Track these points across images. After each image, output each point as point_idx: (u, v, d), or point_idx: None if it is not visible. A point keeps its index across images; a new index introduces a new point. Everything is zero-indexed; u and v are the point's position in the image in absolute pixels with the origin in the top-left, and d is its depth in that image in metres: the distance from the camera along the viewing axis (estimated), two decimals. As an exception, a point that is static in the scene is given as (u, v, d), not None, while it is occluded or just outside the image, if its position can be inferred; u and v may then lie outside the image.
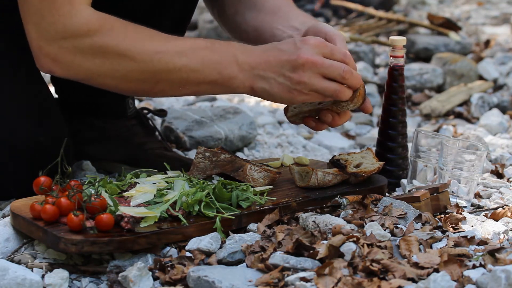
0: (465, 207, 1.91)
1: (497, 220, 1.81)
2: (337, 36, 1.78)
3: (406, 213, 1.72)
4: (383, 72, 3.59)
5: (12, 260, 1.59)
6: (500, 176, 2.15)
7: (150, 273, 1.51)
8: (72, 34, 1.59)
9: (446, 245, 1.58)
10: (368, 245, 1.53)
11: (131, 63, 1.62)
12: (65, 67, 1.63)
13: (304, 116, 1.83)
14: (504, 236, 1.71)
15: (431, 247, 1.58)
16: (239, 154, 2.46)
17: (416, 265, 1.47)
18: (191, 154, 2.39)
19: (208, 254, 1.59)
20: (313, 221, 1.65)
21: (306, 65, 1.66)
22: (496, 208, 1.88)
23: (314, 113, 1.82)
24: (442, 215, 1.81)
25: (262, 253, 1.55)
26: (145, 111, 2.30)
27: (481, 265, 1.48)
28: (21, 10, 1.63)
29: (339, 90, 1.71)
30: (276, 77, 1.67)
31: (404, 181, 2.02)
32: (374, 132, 2.74)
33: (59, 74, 1.65)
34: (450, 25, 4.06)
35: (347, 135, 2.81)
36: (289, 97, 1.70)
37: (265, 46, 1.72)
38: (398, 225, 1.67)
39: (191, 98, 3.18)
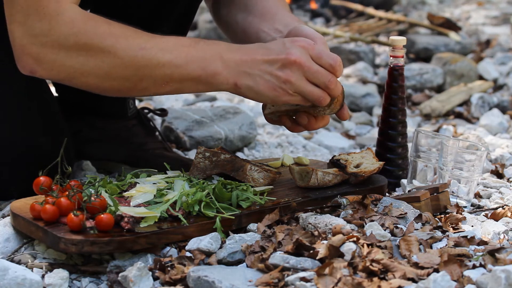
0: (465, 207, 1.91)
1: (497, 220, 1.81)
2: (318, 39, 1.77)
3: (406, 213, 1.72)
4: (383, 72, 3.59)
5: (12, 260, 1.59)
6: (500, 176, 2.16)
7: (150, 273, 1.51)
8: (57, 32, 1.58)
9: (446, 245, 1.58)
10: (368, 245, 1.53)
11: (115, 60, 1.61)
12: (48, 66, 1.62)
13: (280, 115, 1.83)
14: (504, 236, 1.71)
15: (431, 247, 1.58)
16: (239, 154, 2.46)
17: (416, 265, 1.47)
18: (191, 154, 2.39)
19: (208, 254, 1.59)
20: (310, 223, 1.65)
21: (294, 65, 1.66)
22: (496, 208, 1.88)
23: (291, 113, 1.81)
24: (442, 215, 1.81)
25: (262, 253, 1.55)
26: (146, 111, 2.30)
27: (481, 265, 1.48)
28: (6, 10, 1.62)
29: (322, 97, 1.70)
30: (263, 75, 1.66)
31: (404, 181, 2.02)
32: (374, 132, 2.75)
33: (40, 74, 1.63)
34: (450, 25, 4.06)
35: (347, 135, 2.81)
36: (274, 95, 1.69)
37: (251, 45, 1.72)
38: (398, 225, 1.67)
39: (191, 98, 3.18)
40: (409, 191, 1.95)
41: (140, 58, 1.62)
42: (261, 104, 1.85)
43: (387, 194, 1.94)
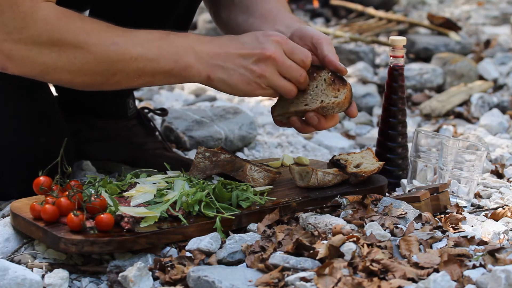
0: (465, 207, 1.91)
1: (497, 220, 1.81)
2: (324, 39, 1.78)
3: (406, 213, 1.72)
4: (383, 72, 3.59)
5: (12, 260, 1.59)
6: (500, 176, 2.15)
7: (150, 273, 1.51)
8: (30, 30, 1.59)
9: (446, 245, 1.58)
10: (368, 245, 1.53)
11: (87, 55, 1.62)
12: (20, 63, 1.62)
13: (289, 117, 1.83)
14: (504, 236, 1.71)
15: (431, 247, 1.58)
16: (239, 154, 2.46)
17: (416, 265, 1.47)
18: (191, 154, 2.39)
19: (208, 254, 1.59)
20: (310, 223, 1.65)
21: (269, 60, 1.68)
22: (496, 208, 1.88)
23: (300, 113, 1.81)
24: (442, 215, 1.81)
25: (262, 253, 1.55)
26: (146, 111, 2.30)
27: (481, 265, 1.48)
28: None
29: (293, 90, 1.74)
30: (237, 68, 1.67)
31: (404, 181, 2.02)
32: (374, 132, 2.75)
33: (12, 71, 1.64)
34: (450, 25, 4.06)
35: (347, 135, 2.81)
36: (248, 89, 1.70)
37: (223, 37, 1.73)
38: (398, 225, 1.67)
39: (191, 98, 3.18)
40: (409, 191, 1.95)
41: (112, 53, 1.63)
42: (270, 107, 1.86)
43: (387, 194, 1.94)
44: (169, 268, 1.52)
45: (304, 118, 1.82)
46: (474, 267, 1.47)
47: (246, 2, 1.99)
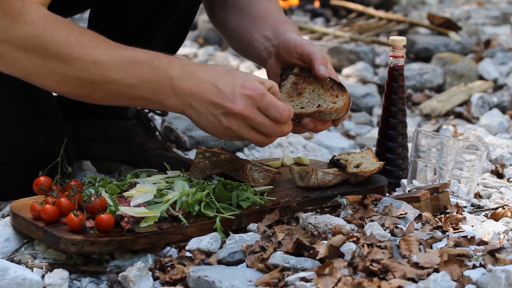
0: (465, 207, 1.91)
1: (497, 220, 1.81)
2: (315, 56, 1.77)
3: (406, 213, 1.72)
4: (383, 72, 3.59)
5: (12, 260, 1.59)
6: (500, 176, 2.15)
7: (150, 273, 1.51)
8: (17, 31, 1.58)
9: (446, 245, 1.58)
10: (368, 245, 1.53)
11: (68, 69, 1.60)
12: (7, 62, 1.62)
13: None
14: (504, 236, 1.70)
15: (431, 247, 1.58)
16: (239, 154, 2.46)
17: (416, 265, 1.47)
18: (191, 154, 2.39)
19: (208, 254, 1.59)
20: (310, 223, 1.65)
21: (238, 116, 1.64)
22: (496, 208, 1.88)
23: (295, 117, 1.78)
24: (442, 215, 1.81)
25: (262, 253, 1.55)
26: (146, 111, 2.30)
27: (481, 265, 1.48)
28: None
29: (264, 143, 1.70)
30: (207, 114, 1.64)
31: (404, 181, 2.02)
32: (374, 132, 2.75)
33: (1, 69, 1.64)
34: (450, 25, 4.06)
35: (347, 135, 2.81)
36: (217, 135, 1.69)
37: (207, 73, 1.66)
38: (398, 225, 1.67)
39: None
40: (409, 191, 1.95)
41: (93, 72, 1.60)
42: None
43: (387, 194, 1.94)
44: (169, 268, 1.52)
45: (298, 121, 1.80)
46: (474, 267, 1.47)
47: (238, 3, 1.99)
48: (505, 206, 1.89)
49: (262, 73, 2.28)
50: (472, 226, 1.77)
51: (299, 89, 1.82)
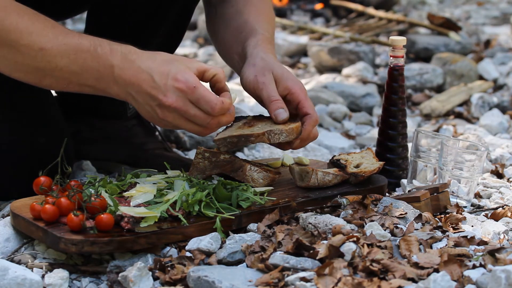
0: (465, 207, 1.91)
1: (497, 220, 1.81)
2: (298, 88, 1.79)
3: (406, 213, 1.72)
4: (383, 72, 3.59)
5: (12, 260, 1.59)
6: (500, 176, 2.15)
7: (150, 273, 1.51)
8: None
9: (446, 245, 1.58)
10: (368, 245, 1.53)
11: (18, 55, 1.62)
12: None
13: (232, 141, 1.77)
14: (504, 236, 1.71)
15: (431, 247, 1.58)
16: (239, 154, 2.46)
17: (416, 265, 1.47)
18: (191, 154, 2.39)
19: (208, 254, 1.59)
20: (310, 223, 1.65)
21: (170, 108, 1.64)
22: (496, 208, 1.88)
23: (244, 137, 1.76)
24: (442, 215, 1.81)
25: (262, 253, 1.55)
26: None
27: (481, 265, 1.48)
28: None
29: (202, 132, 1.70)
30: (144, 105, 1.66)
31: (404, 181, 2.02)
32: (374, 132, 2.75)
33: None
34: (450, 25, 4.06)
35: (347, 135, 2.81)
36: (156, 123, 1.71)
37: (145, 62, 1.66)
38: (398, 225, 1.67)
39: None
40: (409, 191, 1.95)
41: (40, 59, 1.62)
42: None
43: (387, 194, 1.94)
44: (169, 268, 1.52)
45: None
46: (474, 267, 1.47)
47: (225, 16, 2.00)
48: (505, 206, 1.89)
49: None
50: (472, 226, 1.77)
51: (251, 125, 1.82)
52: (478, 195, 1.99)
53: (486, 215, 1.86)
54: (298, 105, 1.81)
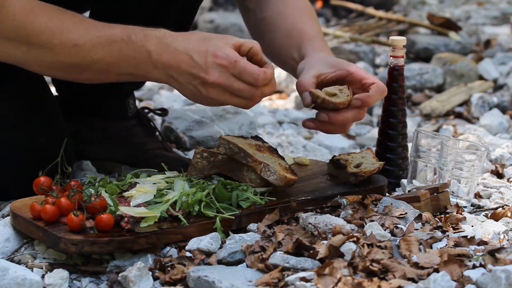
0: (465, 207, 1.91)
1: (497, 220, 1.81)
2: (362, 73, 1.79)
3: (406, 213, 1.72)
4: (383, 72, 3.59)
5: (12, 260, 1.59)
6: (500, 176, 2.15)
7: (150, 273, 1.51)
8: (0, 23, 1.61)
9: (446, 245, 1.58)
10: (368, 245, 1.53)
11: (52, 55, 1.64)
12: None
13: (232, 150, 1.77)
14: (504, 236, 1.71)
15: (431, 247, 1.58)
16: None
17: (416, 265, 1.47)
18: (191, 154, 2.39)
19: (208, 254, 1.59)
20: (310, 223, 1.65)
21: (214, 85, 1.65)
22: (496, 208, 1.88)
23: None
24: (442, 215, 1.81)
25: (262, 253, 1.55)
26: (146, 111, 2.30)
27: (481, 265, 1.48)
28: None
29: (248, 105, 1.71)
30: (187, 85, 1.67)
31: (404, 181, 2.02)
32: (374, 132, 2.75)
33: None
34: (450, 25, 4.06)
35: (347, 135, 2.81)
36: (201, 103, 1.71)
37: (181, 44, 1.67)
38: (398, 225, 1.67)
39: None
40: (409, 191, 1.95)
41: (74, 56, 1.64)
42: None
43: (387, 194, 1.94)
44: (169, 268, 1.52)
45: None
46: (474, 267, 1.47)
47: (268, 19, 2.00)
48: (505, 206, 1.89)
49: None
50: (472, 226, 1.77)
51: (260, 150, 1.82)
52: (478, 195, 1.99)
53: (486, 215, 1.86)
54: (362, 81, 1.81)
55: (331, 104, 1.77)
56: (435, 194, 1.83)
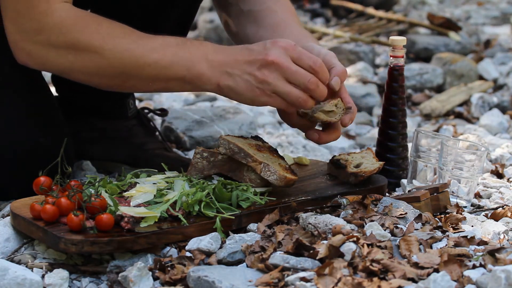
0: (465, 207, 1.91)
1: (497, 220, 1.81)
2: (330, 55, 1.78)
3: (406, 213, 1.72)
4: (383, 72, 3.59)
5: (12, 260, 1.59)
6: (500, 176, 2.15)
7: (150, 273, 1.51)
8: (46, 31, 1.62)
9: (446, 245, 1.58)
10: (368, 245, 1.53)
11: (102, 60, 1.65)
12: (39, 61, 1.68)
13: (232, 149, 1.77)
14: (504, 236, 1.71)
15: (431, 247, 1.58)
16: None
17: (416, 265, 1.47)
18: (191, 154, 2.39)
19: (208, 254, 1.59)
20: (310, 223, 1.65)
21: (272, 65, 1.65)
22: (496, 208, 1.88)
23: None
24: (442, 215, 1.81)
25: (262, 253, 1.55)
26: (146, 111, 2.30)
27: (481, 265, 1.48)
28: (1, 6, 1.68)
29: (301, 98, 1.68)
30: (242, 75, 1.67)
31: (404, 181, 2.02)
32: (374, 132, 2.74)
33: (33, 67, 1.71)
34: (450, 25, 4.06)
35: (347, 135, 2.81)
36: (252, 96, 1.68)
37: (237, 46, 1.73)
38: (398, 225, 1.67)
39: (191, 98, 3.18)
40: (409, 191, 1.95)
41: (126, 59, 1.65)
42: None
43: (387, 194, 1.94)
44: (169, 268, 1.52)
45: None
46: (474, 267, 1.47)
47: (255, 13, 1.99)
48: (505, 206, 1.89)
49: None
50: (472, 226, 1.77)
51: (260, 150, 1.83)
52: (478, 195, 1.99)
53: (486, 215, 1.86)
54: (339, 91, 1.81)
55: (328, 121, 1.79)
56: (435, 194, 1.83)
